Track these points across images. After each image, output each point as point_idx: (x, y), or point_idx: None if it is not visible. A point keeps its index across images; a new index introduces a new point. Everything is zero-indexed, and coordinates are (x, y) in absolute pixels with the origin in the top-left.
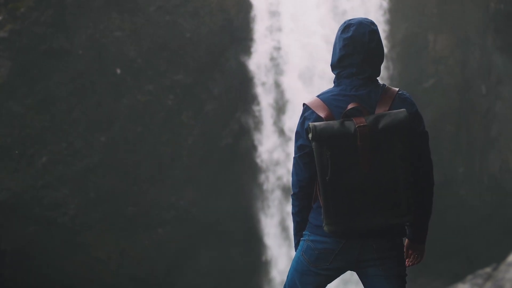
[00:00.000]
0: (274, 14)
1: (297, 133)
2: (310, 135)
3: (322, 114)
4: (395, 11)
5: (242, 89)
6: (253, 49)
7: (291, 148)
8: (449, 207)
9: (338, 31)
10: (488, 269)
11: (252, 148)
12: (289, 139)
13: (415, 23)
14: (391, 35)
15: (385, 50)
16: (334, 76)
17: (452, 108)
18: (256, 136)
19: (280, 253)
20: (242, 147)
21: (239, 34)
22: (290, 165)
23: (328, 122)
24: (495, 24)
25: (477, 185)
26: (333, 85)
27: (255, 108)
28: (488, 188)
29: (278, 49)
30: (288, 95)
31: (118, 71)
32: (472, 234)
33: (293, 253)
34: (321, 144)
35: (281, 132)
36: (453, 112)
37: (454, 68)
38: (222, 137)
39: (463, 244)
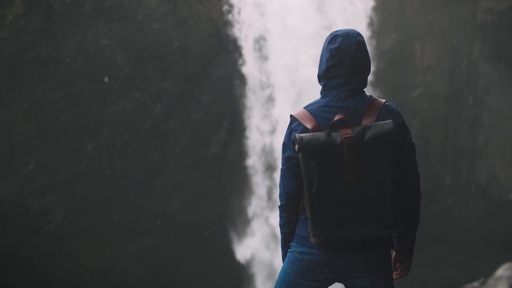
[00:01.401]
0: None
1: (284, 144)
2: (296, 147)
3: (308, 126)
4: (382, 21)
5: (230, 97)
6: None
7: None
8: (436, 217)
9: (325, 42)
10: (476, 283)
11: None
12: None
13: (402, 33)
14: (378, 44)
15: (373, 59)
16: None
17: (439, 117)
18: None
19: (268, 261)
20: (229, 156)
21: (227, 43)
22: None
23: (315, 133)
24: (482, 35)
25: (464, 194)
26: (320, 96)
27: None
28: (475, 198)
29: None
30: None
31: (106, 79)
32: (459, 244)
33: (280, 261)
34: (307, 156)
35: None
36: (440, 121)
37: (442, 78)
38: (210, 146)
39: (450, 254)
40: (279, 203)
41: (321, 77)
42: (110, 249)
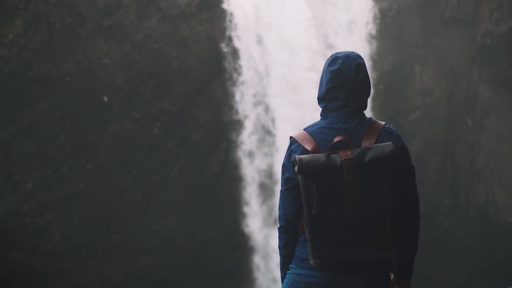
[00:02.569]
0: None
1: (284, 166)
2: (296, 168)
3: (308, 147)
4: (382, 43)
5: (229, 118)
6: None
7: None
8: (434, 239)
9: (325, 64)
10: None
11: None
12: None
13: (402, 55)
14: (378, 66)
15: (372, 81)
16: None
17: (438, 139)
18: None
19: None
20: (227, 176)
21: (226, 63)
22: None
23: (314, 155)
24: (482, 57)
25: (462, 217)
26: (320, 118)
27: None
28: (473, 220)
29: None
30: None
31: (105, 98)
32: (457, 267)
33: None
34: (307, 177)
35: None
36: (439, 143)
37: (441, 100)
38: (208, 166)
39: (448, 277)
40: (278, 225)
41: (321, 99)
42: (107, 269)
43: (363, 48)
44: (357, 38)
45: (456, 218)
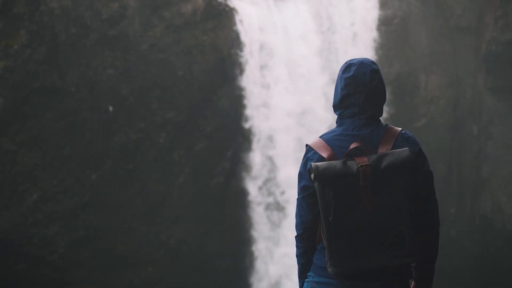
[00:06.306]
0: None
1: (300, 174)
2: (312, 175)
3: (324, 154)
4: (387, 51)
5: (234, 128)
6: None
7: None
8: (440, 248)
9: (340, 71)
10: None
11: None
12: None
13: (407, 63)
14: (383, 75)
15: None
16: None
17: (444, 148)
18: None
19: None
20: (233, 186)
21: (231, 73)
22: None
23: (331, 162)
24: (487, 65)
25: (468, 225)
26: (335, 125)
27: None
28: (480, 229)
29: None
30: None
31: (110, 108)
32: (463, 276)
33: None
34: (323, 184)
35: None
36: (445, 152)
37: (446, 108)
38: (214, 176)
39: (453, 285)
40: (295, 233)
41: (336, 107)
42: (113, 280)
43: (368, 56)
44: (362, 47)
45: (461, 227)
